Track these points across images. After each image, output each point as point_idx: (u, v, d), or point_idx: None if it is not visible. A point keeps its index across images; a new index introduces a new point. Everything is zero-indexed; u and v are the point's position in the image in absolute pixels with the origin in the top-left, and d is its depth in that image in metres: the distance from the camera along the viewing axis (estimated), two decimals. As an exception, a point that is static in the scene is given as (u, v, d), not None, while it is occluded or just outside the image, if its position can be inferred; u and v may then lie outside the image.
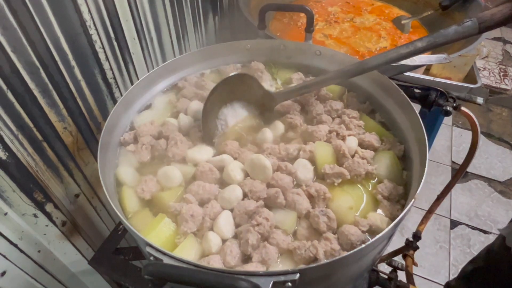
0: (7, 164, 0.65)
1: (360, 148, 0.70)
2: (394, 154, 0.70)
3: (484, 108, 2.49)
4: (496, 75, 2.75)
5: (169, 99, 0.81)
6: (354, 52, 1.19)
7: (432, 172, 2.06)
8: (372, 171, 0.66)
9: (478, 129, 0.98)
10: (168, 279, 0.40)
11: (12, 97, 0.64)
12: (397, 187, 0.64)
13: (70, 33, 0.72)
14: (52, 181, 0.78)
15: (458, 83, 1.06)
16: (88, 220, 0.93)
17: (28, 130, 0.69)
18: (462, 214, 1.85)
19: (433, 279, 1.59)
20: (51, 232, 0.80)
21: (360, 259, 0.54)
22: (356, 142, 0.71)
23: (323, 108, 0.79)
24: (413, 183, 0.62)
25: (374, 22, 1.34)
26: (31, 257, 0.77)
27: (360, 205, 0.63)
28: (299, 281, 0.44)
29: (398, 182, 0.66)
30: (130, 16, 0.88)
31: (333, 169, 0.65)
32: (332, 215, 0.59)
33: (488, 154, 2.17)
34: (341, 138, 0.71)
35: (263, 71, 0.88)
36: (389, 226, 0.50)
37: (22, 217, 0.72)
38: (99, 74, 0.84)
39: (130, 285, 0.76)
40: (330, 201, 0.63)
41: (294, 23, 1.34)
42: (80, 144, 0.84)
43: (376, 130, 0.74)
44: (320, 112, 0.78)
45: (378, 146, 0.71)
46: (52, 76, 0.71)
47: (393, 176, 0.67)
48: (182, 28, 1.12)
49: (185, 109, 0.79)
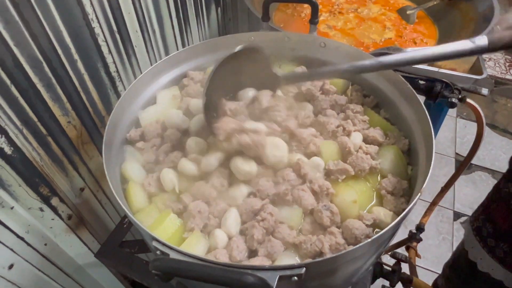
0: (13, 159, 0.66)
1: (364, 144, 0.70)
2: (399, 148, 0.69)
3: (488, 99, 2.47)
4: (502, 66, 2.72)
5: (173, 94, 0.81)
6: (358, 43, 1.18)
7: (436, 164, 2.02)
8: (376, 166, 0.66)
9: (484, 121, 0.97)
10: (175, 273, 0.41)
11: (16, 92, 0.64)
12: (401, 182, 0.64)
13: (73, 26, 0.71)
14: (57, 175, 0.78)
15: (463, 74, 1.04)
16: (93, 214, 0.94)
17: (33, 125, 0.69)
18: (466, 205, 1.85)
19: (436, 270, 1.60)
20: (57, 225, 0.81)
21: (365, 253, 0.54)
22: (361, 137, 0.70)
23: (328, 103, 0.79)
24: (418, 177, 0.62)
25: (379, 13, 1.32)
26: (38, 250, 0.78)
27: (364, 200, 0.63)
28: (305, 275, 0.44)
29: (402, 176, 0.66)
30: (132, 8, 0.87)
31: (337, 165, 0.65)
32: (335, 209, 0.59)
33: (492, 146, 2.16)
34: (347, 134, 0.71)
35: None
36: (395, 220, 0.50)
37: (28, 211, 0.73)
38: (102, 68, 0.83)
39: (136, 277, 0.77)
40: (334, 196, 0.63)
41: (298, 14, 1.32)
42: (85, 138, 0.84)
43: (380, 125, 0.74)
44: (325, 107, 0.78)
45: (382, 141, 0.71)
46: (56, 70, 0.71)
47: (397, 171, 0.67)
48: (184, 20, 1.11)
49: (187, 107, 0.78)
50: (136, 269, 0.77)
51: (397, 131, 0.73)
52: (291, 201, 0.61)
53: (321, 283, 0.57)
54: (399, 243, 1.23)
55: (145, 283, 0.76)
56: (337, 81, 0.84)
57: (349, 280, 0.65)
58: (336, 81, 0.84)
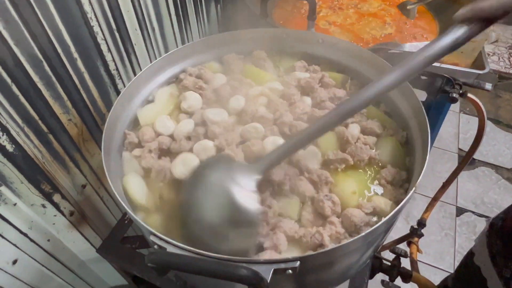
0: (15, 156, 0.67)
1: (362, 135, 0.70)
2: (397, 140, 0.70)
3: (492, 94, 2.45)
4: (506, 60, 2.69)
5: (170, 92, 0.81)
6: (358, 39, 1.17)
7: (438, 160, 2.04)
8: (375, 157, 0.67)
9: (485, 115, 0.97)
10: (171, 266, 0.41)
11: (16, 90, 0.65)
12: (400, 172, 0.65)
13: (72, 25, 0.72)
14: (59, 172, 0.80)
15: (466, 69, 1.04)
16: (95, 210, 0.95)
17: (34, 123, 0.71)
18: (468, 201, 1.85)
19: (438, 265, 1.60)
20: (60, 221, 0.82)
21: (362, 245, 0.54)
22: (358, 129, 0.71)
23: (327, 95, 0.79)
24: (415, 169, 0.62)
25: (379, 8, 1.31)
26: (41, 246, 0.79)
27: (364, 190, 0.64)
28: (300, 268, 0.45)
29: (401, 167, 0.66)
30: (131, 6, 0.88)
31: (336, 155, 0.65)
32: (337, 199, 0.60)
33: (496, 141, 2.15)
34: (345, 125, 0.72)
35: (265, 59, 0.88)
36: (395, 209, 0.51)
37: (31, 207, 0.74)
38: (102, 66, 0.84)
39: (137, 272, 0.78)
40: (333, 186, 0.63)
41: (298, 11, 1.32)
42: (85, 135, 0.85)
43: (378, 117, 0.74)
44: (324, 99, 0.78)
45: (380, 132, 0.71)
46: (55, 69, 0.72)
47: (396, 162, 0.67)
48: (184, 17, 1.11)
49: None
50: (137, 264, 0.78)
51: (394, 123, 0.74)
52: (289, 191, 0.62)
53: (318, 277, 0.57)
54: (401, 238, 1.23)
55: (146, 277, 0.77)
56: (336, 75, 0.84)
57: (346, 274, 0.65)
58: (335, 75, 0.84)
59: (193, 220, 0.54)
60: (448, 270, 1.58)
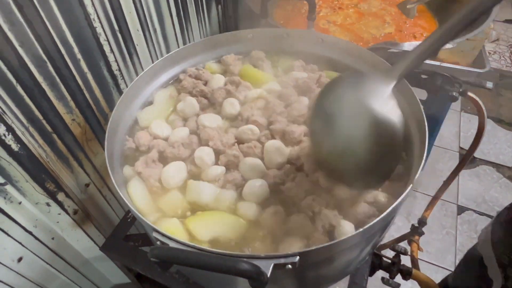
0: (20, 156, 0.68)
1: None
2: None
3: (493, 93, 2.44)
4: (507, 59, 2.69)
5: (169, 94, 0.82)
6: (358, 38, 1.18)
7: (439, 159, 2.04)
8: None
9: (485, 114, 0.97)
10: (173, 261, 0.42)
11: (22, 91, 0.66)
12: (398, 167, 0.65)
13: (75, 26, 0.74)
14: (63, 171, 0.81)
15: (466, 68, 1.04)
16: (98, 209, 0.96)
17: (38, 123, 0.72)
18: (470, 200, 1.85)
19: (439, 264, 1.60)
20: (64, 220, 0.83)
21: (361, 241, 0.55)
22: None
23: None
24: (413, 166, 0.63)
25: (379, 8, 1.32)
26: (46, 244, 0.81)
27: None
28: (300, 264, 0.46)
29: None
30: (133, 8, 0.89)
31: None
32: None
33: (497, 140, 2.15)
34: None
35: (263, 59, 0.88)
36: (396, 202, 0.51)
37: (36, 206, 0.75)
38: (105, 66, 0.85)
39: (140, 269, 0.79)
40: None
41: (298, 11, 1.33)
42: (89, 135, 0.86)
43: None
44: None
45: None
46: (59, 69, 0.73)
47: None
48: (185, 18, 1.12)
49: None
50: (140, 262, 0.79)
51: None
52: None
53: (318, 273, 0.58)
54: (401, 237, 1.24)
55: (149, 275, 0.78)
56: (334, 74, 0.85)
57: (345, 270, 0.66)
58: (333, 74, 0.85)
59: (333, 146, 0.53)
60: (449, 268, 1.58)
